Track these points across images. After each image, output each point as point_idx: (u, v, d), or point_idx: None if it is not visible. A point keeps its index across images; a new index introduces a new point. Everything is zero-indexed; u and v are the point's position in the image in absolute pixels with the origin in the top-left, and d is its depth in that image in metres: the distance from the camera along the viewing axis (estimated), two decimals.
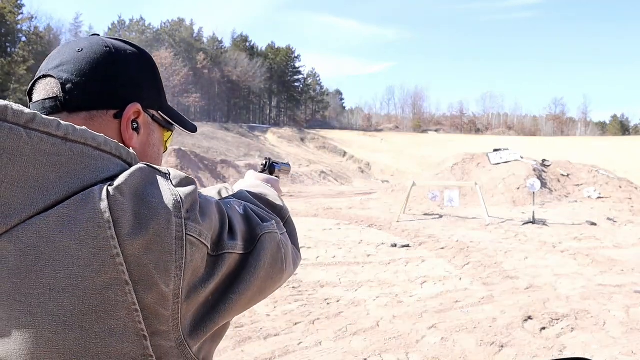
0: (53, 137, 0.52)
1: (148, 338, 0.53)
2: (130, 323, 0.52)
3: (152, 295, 0.52)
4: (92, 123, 0.66)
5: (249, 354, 3.62)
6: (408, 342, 3.90)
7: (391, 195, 15.84)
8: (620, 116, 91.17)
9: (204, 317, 0.59)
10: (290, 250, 0.76)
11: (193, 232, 0.55)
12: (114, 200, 0.51)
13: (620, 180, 15.23)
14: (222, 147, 36.90)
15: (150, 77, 0.75)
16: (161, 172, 0.58)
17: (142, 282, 0.52)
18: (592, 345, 3.86)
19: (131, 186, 0.53)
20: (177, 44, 58.28)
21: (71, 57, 0.67)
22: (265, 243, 0.67)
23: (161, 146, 0.79)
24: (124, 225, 0.51)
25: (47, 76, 0.67)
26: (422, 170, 27.04)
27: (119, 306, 0.51)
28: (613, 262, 6.77)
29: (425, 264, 6.74)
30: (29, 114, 0.51)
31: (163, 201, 0.54)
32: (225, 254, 0.61)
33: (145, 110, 0.73)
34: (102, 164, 0.55)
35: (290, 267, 0.75)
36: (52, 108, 0.66)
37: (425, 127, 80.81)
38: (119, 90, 0.69)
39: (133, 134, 0.70)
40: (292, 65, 75.08)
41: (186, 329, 0.57)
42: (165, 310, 0.54)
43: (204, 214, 0.58)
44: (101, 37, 0.72)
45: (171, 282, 0.53)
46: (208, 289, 0.58)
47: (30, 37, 46.70)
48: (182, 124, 0.82)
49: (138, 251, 0.51)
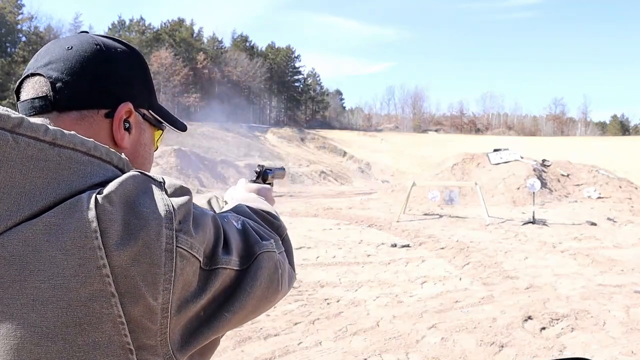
0: (41, 142, 0.51)
1: (134, 352, 0.51)
2: (115, 336, 0.50)
3: (139, 309, 0.51)
4: (82, 123, 0.65)
5: (249, 353, 3.62)
6: (408, 342, 3.90)
7: (391, 195, 15.84)
8: (620, 116, 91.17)
9: (195, 331, 0.58)
10: (287, 270, 0.74)
11: (184, 245, 0.54)
12: (102, 210, 0.50)
13: (620, 180, 15.24)
14: (222, 147, 36.89)
15: (140, 76, 0.73)
16: (155, 181, 0.56)
17: (129, 294, 0.50)
18: (592, 345, 3.86)
19: (122, 195, 0.52)
20: (177, 44, 58.26)
21: (61, 55, 0.65)
22: (262, 262, 0.66)
23: (152, 145, 0.77)
24: (111, 235, 0.49)
25: (35, 74, 0.65)
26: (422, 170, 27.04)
27: (104, 319, 0.49)
28: (613, 262, 6.77)
29: (425, 264, 6.74)
30: (16, 118, 0.50)
31: (155, 211, 0.52)
32: (219, 268, 0.59)
33: (137, 109, 0.71)
34: (91, 170, 0.53)
35: (285, 288, 0.73)
36: (41, 107, 0.64)
37: (425, 127, 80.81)
38: (110, 89, 0.67)
39: (125, 133, 0.69)
40: (292, 65, 75.07)
41: (175, 343, 0.55)
42: (152, 324, 0.52)
43: (197, 226, 0.56)
44: (90, 35, 0.70)
45: (159, 296, 0.52)
46: (199, 304, 0.57)
47: (30, 37, 46.71)
48: (172, 123, 0.80)
49: (125, 262, 0.50)
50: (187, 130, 0.85)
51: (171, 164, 24.87)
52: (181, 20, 63.67)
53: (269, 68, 67.82)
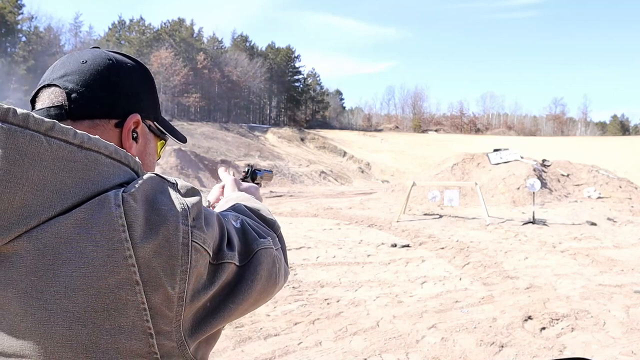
0: (70, 145, 0.55)
1: (154, 336, 0.56)
2: (138, 321, 0.54)
3: (159, 296, 0.55)
4: (94, 131, 0.69)
5: (249, 353, 3.62)
6: (408, 342, 3.90)
7: (391, 195, 15.85)
8: (620, 116, 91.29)
9: (203, 320, 0.62)
10: (283, 265, 0.80)
11: (198, 240, 0.59)
12: (128, 206, 0.55)
13: (620, 180, 15.24)
14: (222, 147, 36.89)
15: (148, 90, 0.80)
16: (170, 182, 0.62)
17: (151, 283, 0.55)
18: (592, 345, 3.86)
19: (143, 193, 0.57)
20: (177, 44, 58.26)
21: (76, 68, 0.71)
22: (261, 258, 0.70)
23: (155, 155, 0.84)
24: (136, 229, 0.54)
25: (52, 85, 0.71)
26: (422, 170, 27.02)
27: (129, 305, 0.54)
28: (613, 262, 6.78)
29: (425, 264, 6.75)
30: (49, 123, 0.54)
31: (172, 209, 0.58)
32: (225, 263, 0.64)
33: (144, 120, 0.77)
34: (113, 171, 0.58)
35: (282, 281, 0.79)
36: (56, 116, 0.69)
37: (425, 127, 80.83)
38: (120, 101, 0.73)
39: (132, 143, 0.74)
40: (292, 65, 75.10)
41: (187, 330, 0.60)
42: (169, 312, 0.57)
43: (207, 224, 0.62)
44: (103, 50, 0.76)
45: (177, 285, 0.56)
46: (208, 295, 0.62)
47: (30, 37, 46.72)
48: (174, 135, 0.87)
49: (148, 254, 0.54)
50: (186, 142, 0.93)
51: (171, 164, 24.88)
52: (181, 20, 63.69)
53: (269, 68, 67.84)
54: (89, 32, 59.22)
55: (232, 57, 63.09)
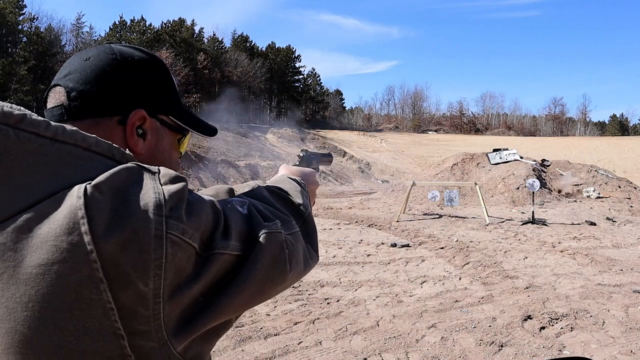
0: (41, 138, 0.53)
1: (125, 337, 0.52)
2: (105, 322, 0.51)
3: (129, 294, 0.51)
4: (96, 130, 0.66)
5: (249, 353, 3.63)
6: (408, 342, 3.91)
7: (391, 195, 15.85)
8: (620, 116, 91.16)
9: (193, 318, 0.58)
10: (300, 250, 0.72)
11: (175, 231, 0.54)
12: (90, 198, 0.51)
13: (619, 180, 15.25)
14: (222, 147, 36.87)
15: (159, 82, 0.75)
16: (150, 171, 0.57)
17: (118, 280, 0.51)
18: (591, 345, 3.87)
19: (112, 184, 0.53)
20: (178, 44, 58.24)
21: (78, 66, 0.70)
22: (264, 243, 0.64)
23: (173, 151, 0.78)
24: (99, 222, 0.50)
25: (57, 85, 0.71)
26: (422, 170, 27.03)
27: (93, 304, 0.50)
28: (612, 261, 6.78)
29: (425, 264, 6.75)
30: (19, 115, 0.52)
31: (143, 199, 0.53)
32: (215, 254, 0.58)
33: (154, 115, 0.73)
34: (90, 165, 0.55)
35: (298, 268, 0.71)
36: (59, 116, 0.68)
37: (425, 127, 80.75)
38: (121, 97, 0.70)
39: (138, 140, 0.71)
40: (292, 65, 75.04)
41: (170, 329, 0.55)
42: (145, 310, 0.52)
43: (190, 213, 0.57)
44: (109, 45, 0.74)
45: (150, 282, 0.52)
46: (196, 290, 0.57)
47: (31, 38, 46.63)
48: (197, 128, 0.81)
49: (114, 249, 0.50)
50: (216, 134, 0.86)
51: None
52: (182, 20, 63.64)
53: (269, 68, 67.78)
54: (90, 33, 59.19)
55: (233, 57, 63.06)
